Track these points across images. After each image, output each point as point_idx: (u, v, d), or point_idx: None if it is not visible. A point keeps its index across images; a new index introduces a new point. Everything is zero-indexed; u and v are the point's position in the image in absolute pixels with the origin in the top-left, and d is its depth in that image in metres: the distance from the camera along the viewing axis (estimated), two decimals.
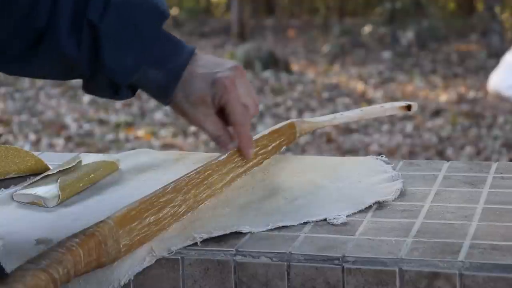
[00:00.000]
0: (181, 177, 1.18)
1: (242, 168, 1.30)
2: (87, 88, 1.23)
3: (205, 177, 1.21)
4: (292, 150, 5.69)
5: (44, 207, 1.25)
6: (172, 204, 1.14)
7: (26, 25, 1.13)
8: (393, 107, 1.49)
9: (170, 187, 1.15)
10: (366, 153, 5.43)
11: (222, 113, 1.24)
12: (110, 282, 1.05)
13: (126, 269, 1.06)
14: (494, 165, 1.35)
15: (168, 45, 1.21)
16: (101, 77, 1.18)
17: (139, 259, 1.07)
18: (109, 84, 1.20)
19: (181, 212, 1.15)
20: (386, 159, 1.37)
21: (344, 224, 1.13)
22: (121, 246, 1.04)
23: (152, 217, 1.10)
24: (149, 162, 1.41)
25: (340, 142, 5.89)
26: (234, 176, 1.28)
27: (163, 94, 1.22)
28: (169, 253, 1.08)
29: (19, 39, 1.14)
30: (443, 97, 7.12)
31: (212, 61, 1.24)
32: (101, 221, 1.04)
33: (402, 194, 1.24)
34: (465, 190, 1.25)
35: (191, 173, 1.20)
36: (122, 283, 1.06)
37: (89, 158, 1.42)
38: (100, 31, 1.15)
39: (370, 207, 1.19)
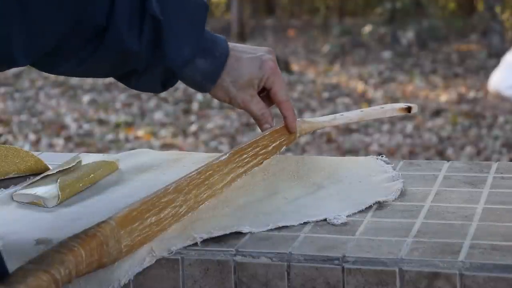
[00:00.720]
0: (182, 178, 1.18)
1: (243, 168, 1.30)
2: (132, 83, 1.26)
3: (206, 177, 1.21)
4: (292, 150, 5.69)
5: (44, 207, 1.25)
6: (173, 205, 1.14)
7: (85, 21, 1.12)
8: (393, 109, 1.49)
9: (171, 188, 1.14)
10: (366, 153, 5.43)
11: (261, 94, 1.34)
12: (110, 282, 1.05)
13: (126, 269, 1.06)
14: (494, 165, 1.35)
15: (210, 35, 1.28)
16: (156, 69, 1.22)
17: (139, 259, 1.07)
18: (161, 76, 1.24)
19: (182, 213, 1.15)
20: (386, 159, 1.37)
21: (344, 224, 1.13)
22: (122, 247, 1.04)
23: (154, 218, 1.10)
24: (149, 162, 1.41)
25: (340, 142, 5.89)
26: (235, 176, 1.28)
27: (209, 81, 1.29)
28: (169, 253, 1.08)
29: (77, 35, 1.13)
30: (443, 97, 7.12)
31: (247, 46, 1.33)
32: (103, 222, 1.04)
33: (402, 194, 1.24)
34: (465, 190, 1.25)
35: (192, 174, 1.20)
36: (122, 283, 1.06)
37: (89, 158, 1.42)
38: (162, 23, 1.18)
39: (370, 207, 1.19)
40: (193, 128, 6.34)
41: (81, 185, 1.30)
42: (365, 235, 1.10)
